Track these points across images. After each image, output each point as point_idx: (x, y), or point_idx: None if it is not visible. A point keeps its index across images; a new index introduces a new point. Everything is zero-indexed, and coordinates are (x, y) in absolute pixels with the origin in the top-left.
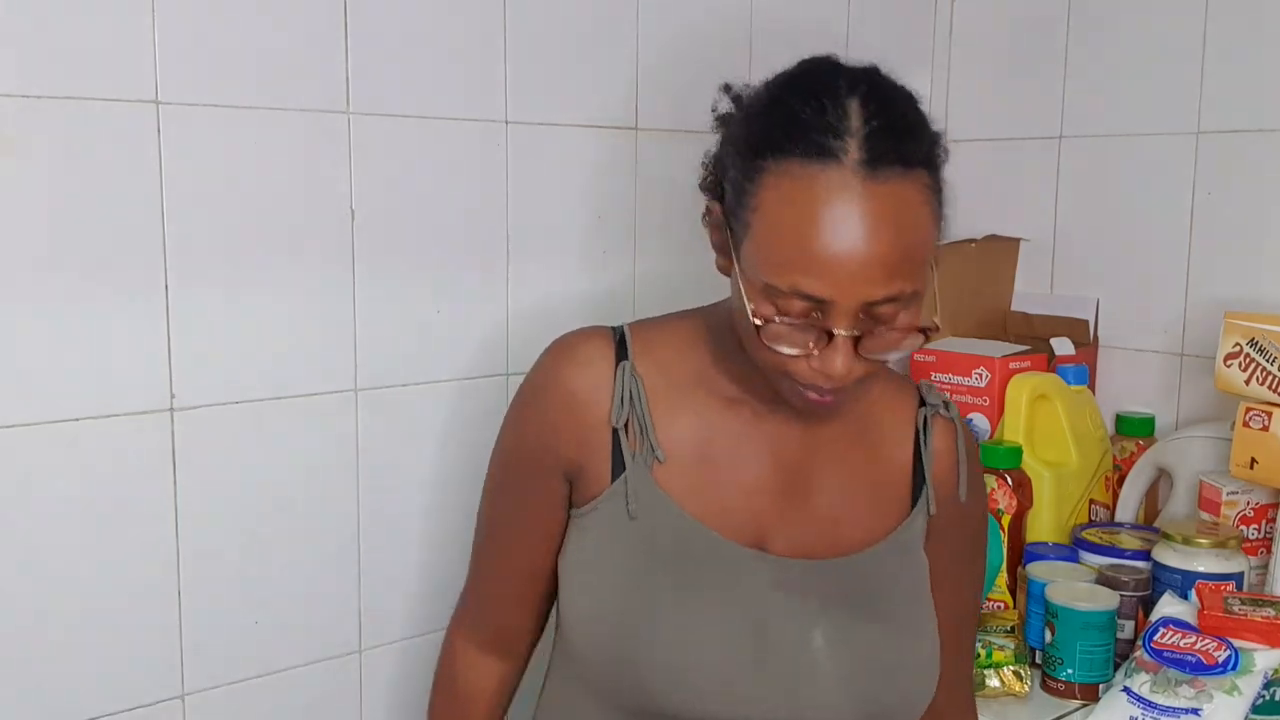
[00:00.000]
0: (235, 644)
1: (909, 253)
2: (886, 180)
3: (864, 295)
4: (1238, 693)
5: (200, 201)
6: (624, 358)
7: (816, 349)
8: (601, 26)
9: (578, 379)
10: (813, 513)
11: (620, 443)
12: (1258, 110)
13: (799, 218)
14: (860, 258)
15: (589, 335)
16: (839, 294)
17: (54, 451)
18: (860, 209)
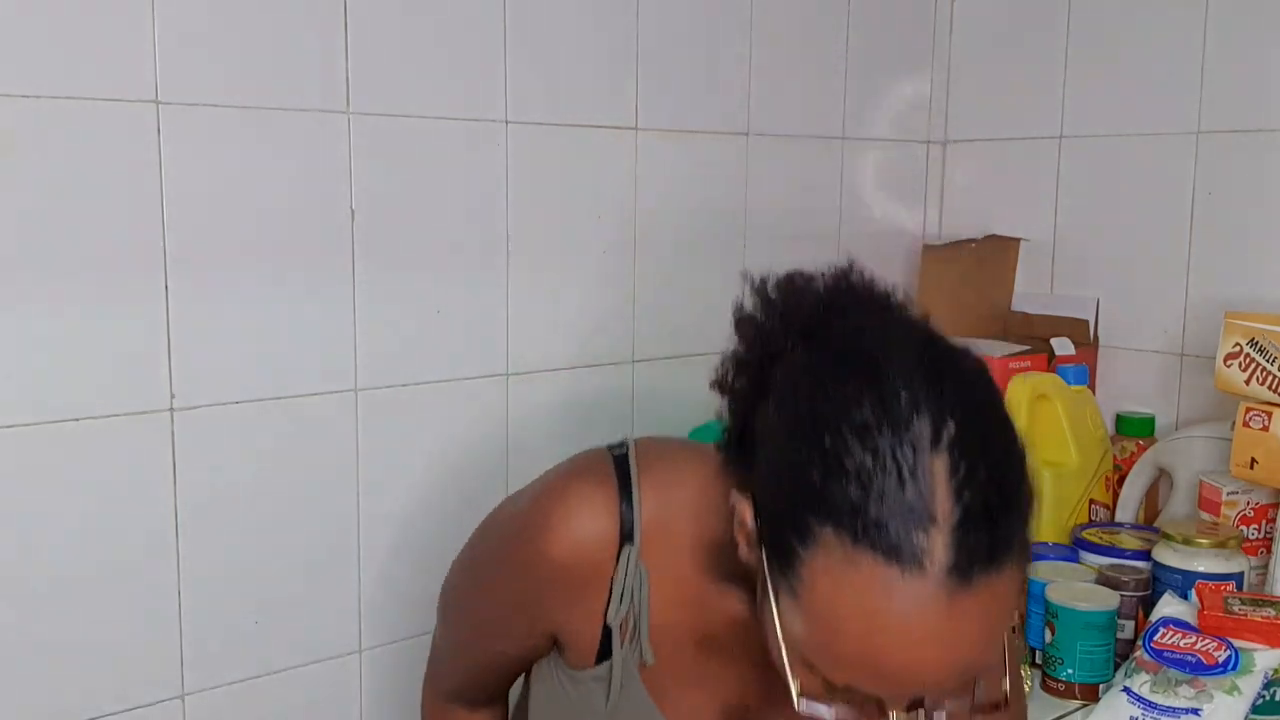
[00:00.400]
0: (235, 644)
1: (991, 653)
2: (977, 587)
3: (939, 689)
4: (1238, 693)
5: (200, 201)
6: (629, 535)
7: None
8: (601, 26)
9: (576, 555)
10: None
11: (611, 629)
12: (1258, 110)
13: (865, 629)
14: (937, 674)
15: (591, 494)
16: (904, 696)
17: (54, 451)
18: (946, 630)
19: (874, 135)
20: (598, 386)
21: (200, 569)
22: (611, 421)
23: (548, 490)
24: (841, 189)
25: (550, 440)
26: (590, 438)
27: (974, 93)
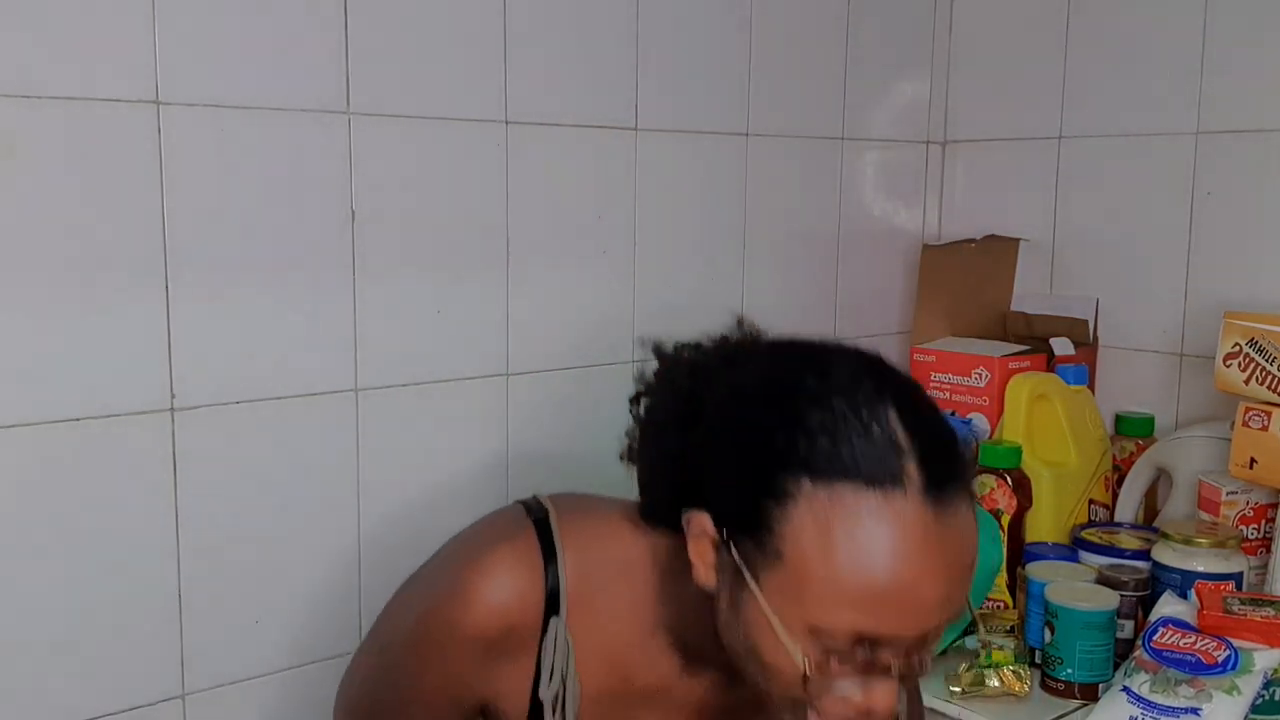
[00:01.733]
0: (235, 644)
1: (966, 580)
2: (952, 505)
3: (927, 628)
4: (1237, 692)
5: (200, 201)
6: (554, 605)
7: (861, 685)
8: (601, 26)
9: (502, 626)
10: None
11: (538, 701)
12: (1258, 110)
13: (861, 554)
14: (935, 595)
15: (513, 566)
16: (905, 631)
17: (54, 451)
18: (934, 544)
19: (874, 135)
20: (598, 386)
21: (200, 569)
22: (611, 421)
23: (467, 560)
24: (841, 189)
25: (550, 440)
26: (590, 437)
27: (974, 93)
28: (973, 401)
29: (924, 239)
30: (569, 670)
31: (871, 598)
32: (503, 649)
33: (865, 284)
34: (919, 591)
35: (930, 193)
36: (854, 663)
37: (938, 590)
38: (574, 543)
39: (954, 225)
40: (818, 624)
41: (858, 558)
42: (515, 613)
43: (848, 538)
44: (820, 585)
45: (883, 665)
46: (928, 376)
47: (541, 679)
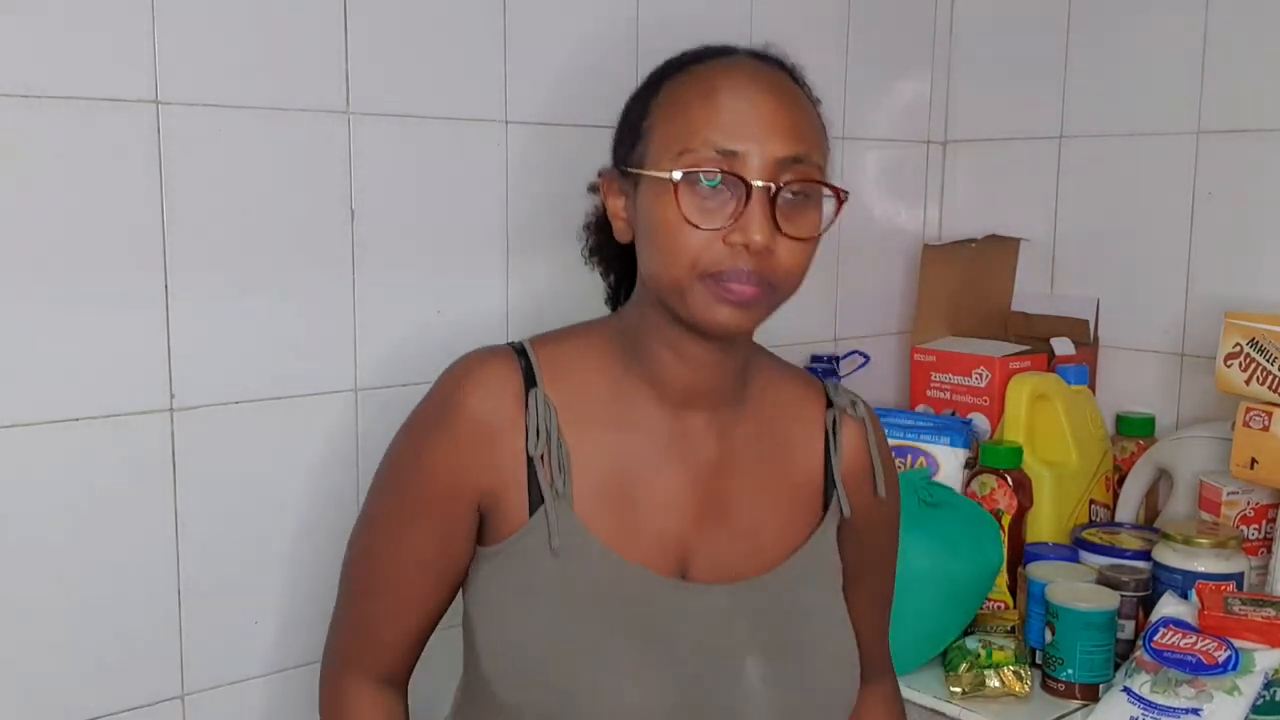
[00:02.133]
0: (235, 644)
1: (804, 121)
2: (774, 70)
3: (773, 149)
4: (1238, 693)
5: (200, 201)
6: (532, 382)
7: (735, 216)
8: (602, 27)
9: (487, 408)
10: (731, 529)
11: (536, 473)
12: (1258, 110)
13: (705, 90)
14: (764, 111)
15: (492, 359)
16: (751, 143)
17: (54, 451)
18: (756, 78)
19: (874, 135)
20: None
21: (200, 569)
22: None
23: (450, 370)
24: None
25: None
26: None
27: (974, 93)
28: (973, 401)
29: (924, 239)
30: (554, 429)
31: (715, 113)
32: (495, 425)
33: (865, 284)
34: (756, 109)
35: (930, 193)
36: (718, 170)
37: (771, 111)
38: (544, 344)
39: (954, 225)
40: (685, 148)
41: (699, 93)
42: (500, 389)
43: (691, 87)
44: (679, 123)
45: (745, 177)
46: (928, 376)
47: (529, 438)
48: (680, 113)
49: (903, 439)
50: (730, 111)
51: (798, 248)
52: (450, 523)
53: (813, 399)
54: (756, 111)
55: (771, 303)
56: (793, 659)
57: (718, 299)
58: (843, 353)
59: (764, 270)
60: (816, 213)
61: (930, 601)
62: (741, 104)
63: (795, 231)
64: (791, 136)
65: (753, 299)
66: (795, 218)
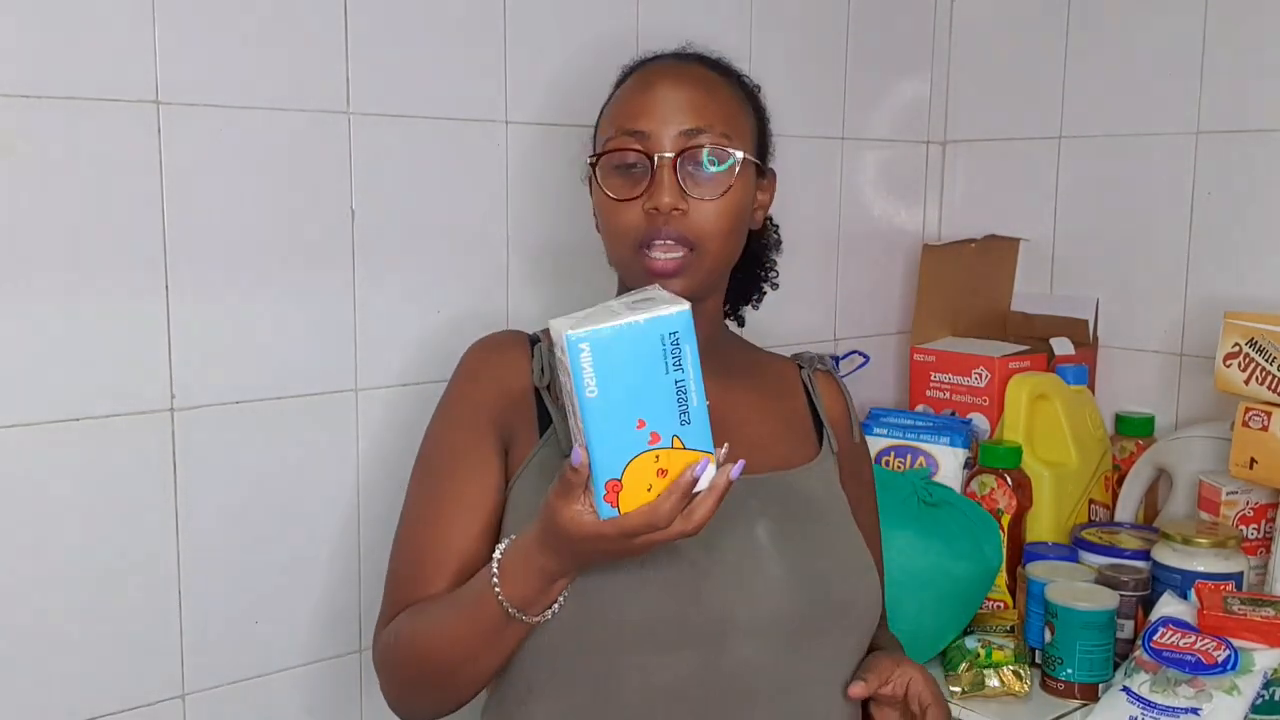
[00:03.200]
0: (235, 644)
1: (705, 99)
2: (693, 65)
3: (676, 124)
4: (1237, 692)
5: (200, 201)
6: (537, 340)
7: (648, 187)
8: (601, 27)
9: (502, 360)
10: (735, 439)
11: (545, 406)
12: (1258, 110)
13: (625, 89)
14: (664, 94)
15: (501, 333)
16: (656, 123)
17: (54, 451)
18: (663, 71)
19: (874, 135)
20: None
21: (200, 569)
22: None
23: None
24: (841, 189)
25: None
26: None
27: (974, 93)
28: (973, 401)
29: (924, 239)
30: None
31: (629, 105)
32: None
33: (865, 284)
34: (656, 94)
35: (930, 193)
36: (631, 153)
37: (671, 94)
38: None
39: (954, 225)
40: (607, 139)
41: (624, 92)
42: (506, 342)
43: (622, 85)
44: (606, 118)
45: (652, 152)
46: (928, 376)
47: (535, 376)
48: (607, 110)
49: (902, 439)
50: (637, 100)
51: (711, 207)
52: (488, 456)
53: (787, 365)
54: (657, 96)
55: (700, 264)
56: (802, 533)
57: (647, 273)
58: (842, 353)
59: (682, 230)
60: (727, 178)
61: (930, 601)
62: (648, 92)
63: (702, 193)
64: (691, 112)
65: (675, 269)
66: (704, 182)
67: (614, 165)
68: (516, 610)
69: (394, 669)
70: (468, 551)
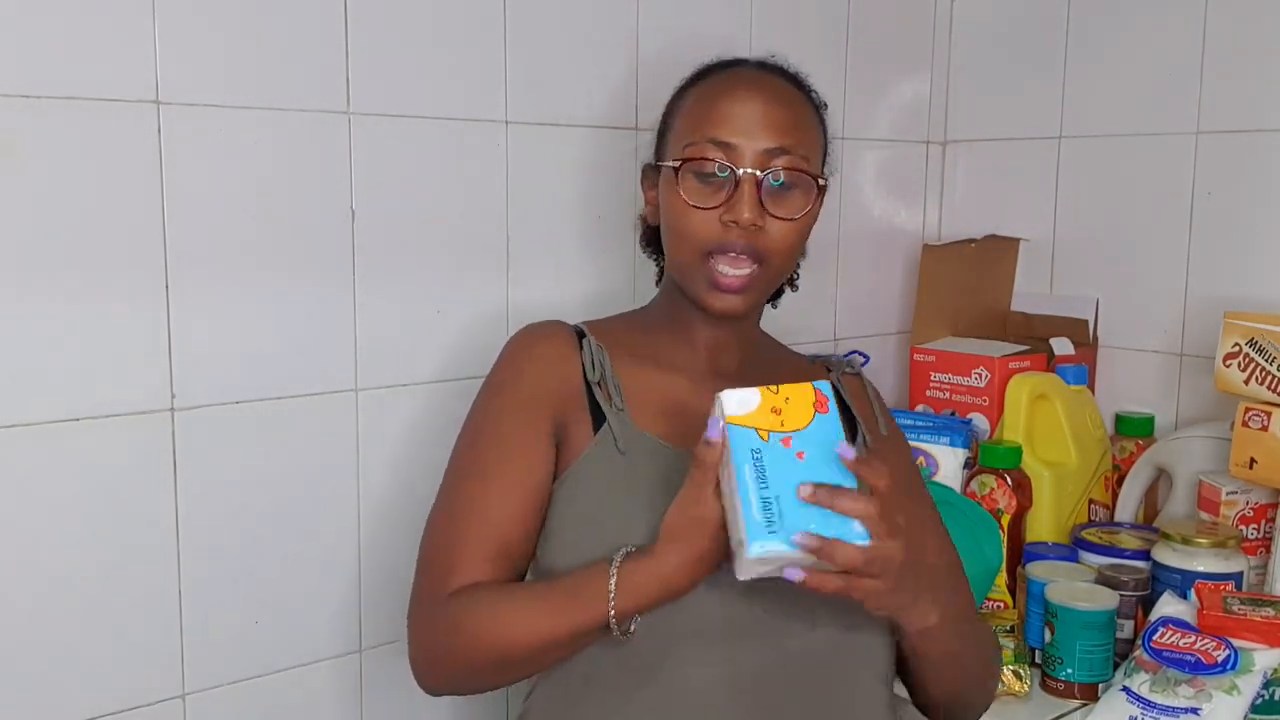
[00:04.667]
0: (235, 644)
1: (792, 118)
2: (775, 76)
3: (762, 141)
4: (1237, 692)
5: (200, 201)
6: (581, 335)
7: (728, 199)
8: (601, 26)
9: (552, 351)
10: None
11: (597, 400)
12: (1258, 110)
13: (710, 95)
14: (754, 109)
15: (544, 322)
16: (742, 136)
17: (54, 451)
18: (755, 82)
19: (874, 135)
20: None
21: (200, 569)
22: None
23: (514, 334)
24: (841, 189)
25: None
26: None
27: (974, 93)
28: (973, 401)
29: (924, 239)
30: (607, 363)
31: (715, 114)
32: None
33: (865, 284)
34: (746, 107)
35: (930, 193)
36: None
37: (761, 109)
38: (590, 322)
39: (954, 225)
40: (688, 143)
41: (707, 98)
42: (557, 334)
43: (703, 92)
44: (686, 123)
45: (736, 166)
46: (928, 376)
47: (586, 369)
48: (689, 113)
49: None
50: (726, 110)
51: (785, 227)
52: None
53: (816, 368)
54: (747, 110)
55: (764, 280)
56: None
57: (713, 285)
58: (843, 353)
59: (754, 245)
60: (804, 198)
61: None
62: (736, 104)
63: (780, 212)
64: (777, 131)
65: (742, 285)
66: (782, 201)
67: (692, 171)
68: (618, 624)
69: (447, 650)
70: (510, 534)
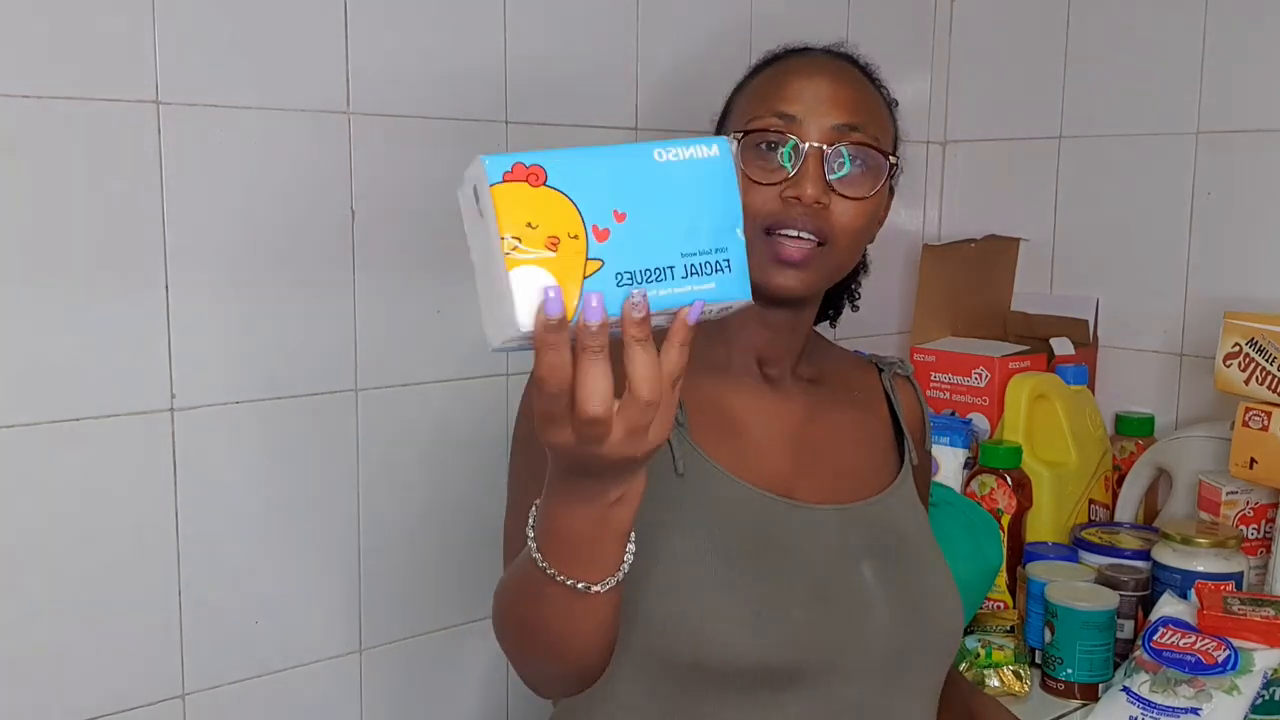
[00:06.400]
0: (235, 644)
1: (861, 97)
2: (845, 65)
3: (831, 117)
4: (1237, 692)
5: (200, 201)
6: None
7: (793, 174)
8: (601, 27)
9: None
10: (827, 465)
11: None
12: (1258, 110)
13: (777, 72)
14: (822, 84)
15: None
16: (807, 109)
17: (54, 451)
18: (823, 64)
19: None
20: None
21: (200, 569)
22: None
23: None
24: None
25: None
26: None
27: (974, 93)
28: (973, 401)
29: (924, 239)
30: None
31: (781, 87)
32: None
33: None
34: (814, 82)
35: (930, 193)
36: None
37: (829, 85)
38: None
39: (954, 225)
40: (753, 117)
41: (773, 75)
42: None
43: (770, 69)
44: (753, 97)
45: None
46: (928, 376)
47: None
48: (755, 91)
49: None
50: (792, 85)
51: (851, 207)
52: None
53: (867, 367)
54: (814, 84)
55: (825, 262)
56: (903, 570)
57: (773, 259)
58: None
59: (818, 224)
60: (873, 179)
61: None
62: (802, 79)
63: (847, 191)
64: (846, 107)
65: (804, 259)
66: (850, 179)
67: (754, 144)
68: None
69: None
70: None
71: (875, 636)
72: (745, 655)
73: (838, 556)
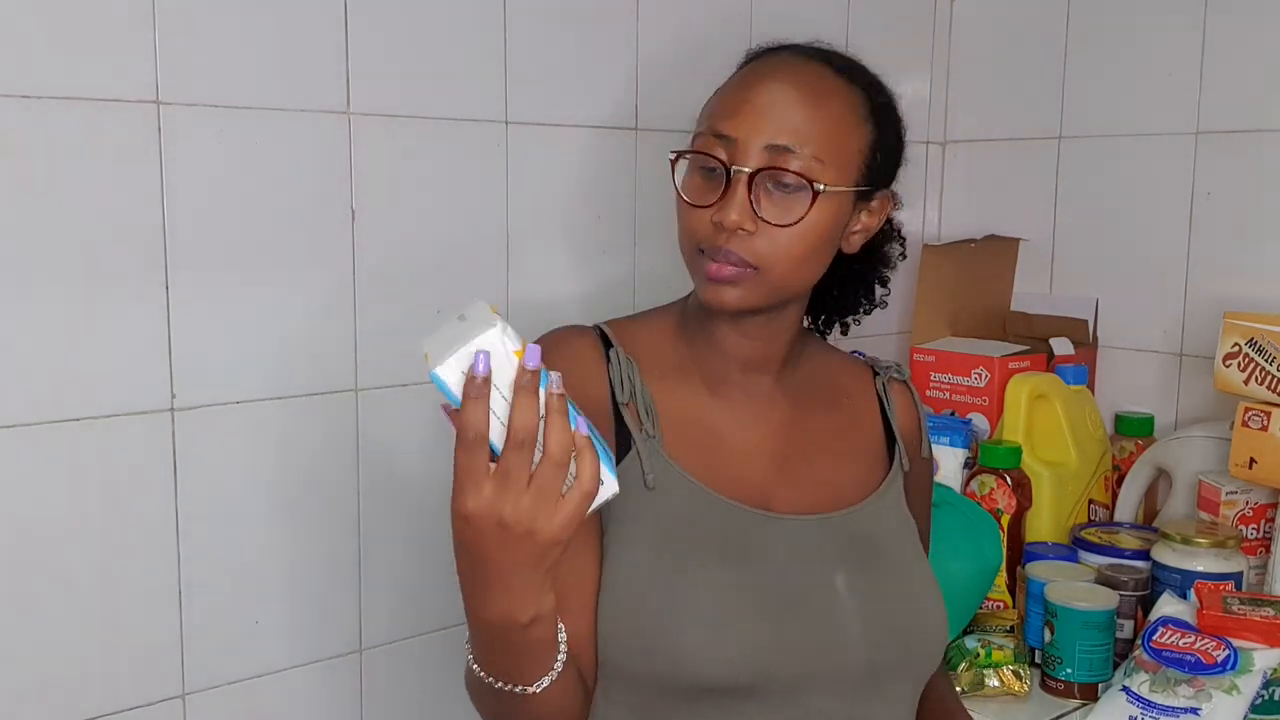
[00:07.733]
0: (235, 644)
1: (809, 116)
2: (810, 63)
3: (764, 135)
4: (1237, 692)
5: (200, 201)
6: (608, 341)
7: (721, 198)
8: (601, 27)
9: (574, 366)
10: (808, 474)
11: (624, 422)
12: (1258, 110)
13: (730, 83)
14: (763, 100)
15: (568, 331)
16: (745, 130)
17: (54, 451)
18: (774, 70)
19: None
20: None
21: (200, 569)
22: None
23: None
24: None
25: None
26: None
27: (974, 93)
28: (973, 401)
29: (924, 239)
30: (637, 379)
31: (723, 104)
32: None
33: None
34: (756, 98)
35: (930, 193)
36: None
37: (770, 101)
38: (613, 323)
39: (954, 225)
40: (696, 136)
41: (737, 75)
42: (578, 346)
43: (733, 75)
44: (710, 103)
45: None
46: (928, 376)
47: (614, 390)
48: (710, 104)
49: None
50: (734, 99)
51: (779, 234)
52: None
53: (861, 370)
54: (760, 101)
55: (761, 284)
56: (878, 580)
57: (705, 276)
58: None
59: (743, 251)
60: (802, 206)
61: None
62: (748, 93)
63: (773, 218)
64: (782, 127)
65: (731, 278)
66: (781, 204)
67: (698, 164)
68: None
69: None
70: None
71: (846, 647)
72: (707, 670)
73: (810, 567)
